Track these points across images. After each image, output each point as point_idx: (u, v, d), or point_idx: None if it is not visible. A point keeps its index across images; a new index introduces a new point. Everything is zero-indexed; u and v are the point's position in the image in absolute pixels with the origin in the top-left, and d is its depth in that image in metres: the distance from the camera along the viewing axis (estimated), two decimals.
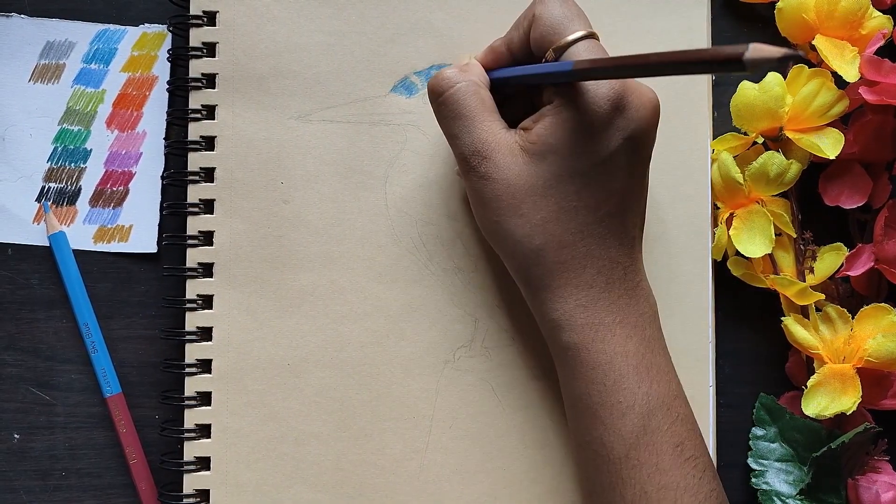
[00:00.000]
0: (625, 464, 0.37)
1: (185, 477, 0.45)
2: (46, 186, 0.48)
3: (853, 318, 0.44)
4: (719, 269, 0.46)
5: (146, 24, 0.48)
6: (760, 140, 0.45)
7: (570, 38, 0.38)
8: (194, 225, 0.45)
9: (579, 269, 0.38)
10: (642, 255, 0.41)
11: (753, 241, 0.44)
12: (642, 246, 0.41)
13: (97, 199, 0.48)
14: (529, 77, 0.39)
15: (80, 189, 0.48)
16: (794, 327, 0.44)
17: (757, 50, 0.27)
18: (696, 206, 0.46)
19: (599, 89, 0.37)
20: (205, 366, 0.45)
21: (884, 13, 0.45)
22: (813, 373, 0.44)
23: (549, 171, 0.38)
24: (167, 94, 0.48)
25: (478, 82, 0.40)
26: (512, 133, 0.39)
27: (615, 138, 0.37)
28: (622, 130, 0.37)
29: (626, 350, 0.38)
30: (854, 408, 0.42)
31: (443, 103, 0.40)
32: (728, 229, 0.45)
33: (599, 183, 0.38)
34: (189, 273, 0.45)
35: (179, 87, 0.46)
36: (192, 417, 0.45)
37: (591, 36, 0.38)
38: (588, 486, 0.40)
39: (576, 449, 0.40)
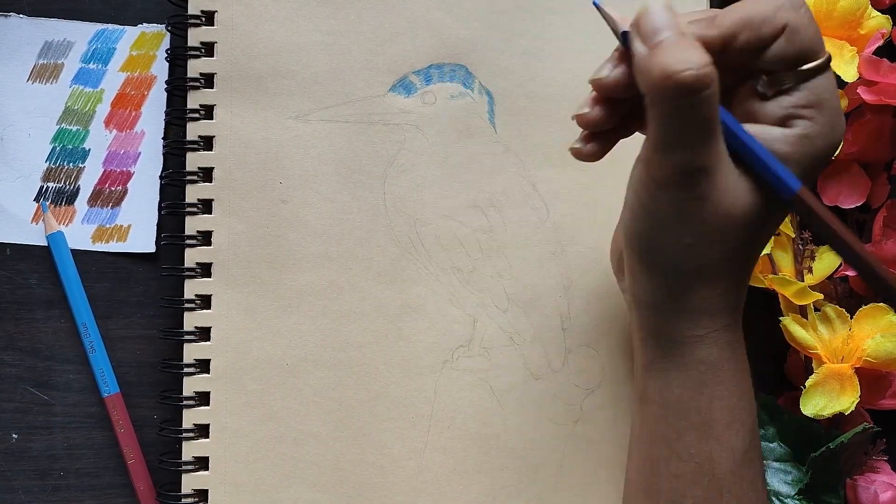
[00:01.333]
0: (729, 479, 0.36)
1: (184, 477, 0.45)
2: (45, 186, 0.48)
3: (852, 318, 0.44)
4: None
5: (144, 24, 0.48)
6: None
7: (822, 61, 0.33)
8: (193, 225, 0.45)
9: (739, 296, 0.37)
10: None
11: None
12: None
13: (95, 198, 0.48)
14: (741, 146, 0.33)
15: (78, 189, 0.48)
16: (793, 327, 0.44)
17: None
18: None
19: (840, 129, 0.34)
20: (203, 366, 0.45)
21: (882, 13, 0.45)
22: (811, 373, 0.44)
23: (767, 199, 0.34)
24: (165, 93, 0.48)
25: (716, 94, 0.32)
26: (728, 153, 0.34)
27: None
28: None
29: (747, 367, 0.38)
30: (852, 408, 0.42)
31: (701, 103, 0.31)
32: None
33: (780, 221, 0.37)
34: (187, 273, 0.45)
35: (178, 86, 0.46)
36: (190, 417, 0.45)
37: (830, 62, 0.34)
38: (672, 498, 0.38)
39: (668, 461, 0.38)
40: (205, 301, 0.45)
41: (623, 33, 0.34)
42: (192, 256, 0.45)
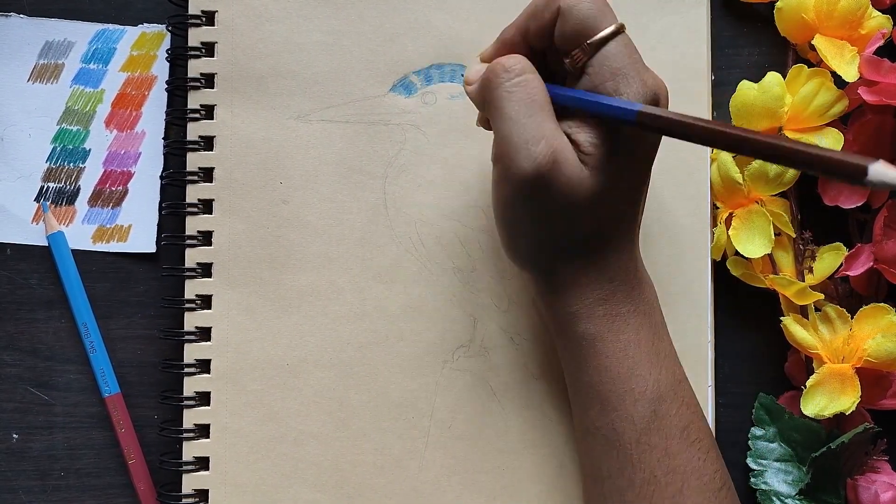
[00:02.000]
0: (635, 448, 0.38)
1: (184, 477, 0.45)
2: (45, 186, 0.48)
3: (852, 318, 0.44)
4: (719, 268, 0.46)
5: (145, 24, 0.48)
6: None
7: (605, 32, 0.36)
8: (193, 225, 0.45)
9: (607, 266, 0.39)
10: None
11: (753, 241, 0.44)
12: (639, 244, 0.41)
13: (96, 198, 0.48)
14: (578, 102, 0.37)
15: (78, 189, 0.48)
16: (794, 327, 0.44)
17: (880, 172, 0.26)
18: (695, 205, 0.46)
19: (637, 88, 0.36)
20: (204, 366, 0.45)
21: (883, 13, 0.45)
22: (812, 373, 0.44)
23: (604, 182, 0.36)
24: (166, 93, 0.48)
25: (543, 84, 0.37)
26: (566, 138, 0.37)
27: (648, 141, 0.38)
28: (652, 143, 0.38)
29: (638, 338, 0.39)
30: (853, 408, 0.42)
31: (518, 85, 0.36)
32: (727, 229, 0.45)
33: (632, 182, 0.38)
34: (188, 273, 0.45)
35: (178, 86, 0.46)
36: (190, 417, 0.45)
37: (621, 30, 0.37)
38: (594, 473, 0.40)
39: (582, 435, 0.41)
40: (205, 301, 0.45)
41: None
42: (192, 256, 0.45)
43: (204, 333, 0.45)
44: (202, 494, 0.45)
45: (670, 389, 0.39)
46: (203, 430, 0.45)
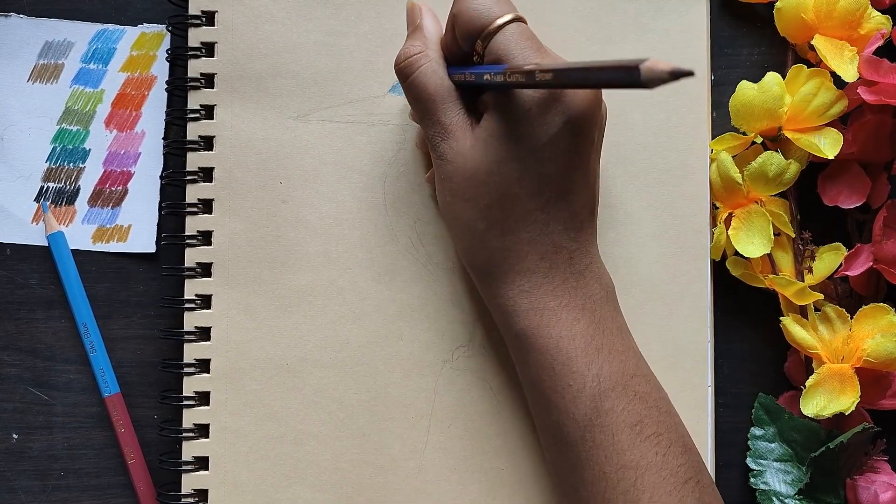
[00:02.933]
0: (581, 446, 0.38)
1: (184, 477, 0.45)
2: (45, 186, 0.48)
3: (852, 318, 0.44)
4: (718, 268, 0.46)
5: (145, 24, 0.48)
6: (759, 140, 0.45)
7: (496, 24, 0.38)
8: (193, 225, 0.45)
9: (522, 256, 0.39)
10: (596, 237, 0.41)
11: (752, 241, 0.44)
12: (596, 229, 0.41)
13: (96, 198, 0.48)
14: (468, 73, 0.39)
15: (78, 189, 0.48)
16: (793, 327, 0.44)
17: (651, 67, 0.28)
18: (694, 205, 0.46)
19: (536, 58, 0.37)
20: (203, 366, 0.45)
21: (883, 13, 0.45)
22: (812, 373, 0.44)
23: (491, 156, 0.38)
24: (166, 93, 0.48)
25: (436, 59, 0.40)
26: (468, 117, 0.39)
27: (554, 123, 0.37)
28: (561, 115, 0.37)
29: (572, 333, 0.38)
30: (853, 408, 0.42)
31: (409, 87, 0.40)
32: (727, 229, 0.45)
33: (540, 168, 0.38)
34: (187, 273, 0.45)
35: (178, 86, 0.46)
36: (190, 417, 0.45)
37: (518, 19, 0.38)
38: (553, 469, 0.40)
39: (539, 433, 0.41)
40: (205, 301, 0.45)
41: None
42: (192, 256, 0.45)
43: (203, 333, 0.45)
44: (202, 494, 0.45)
45: (617, 384, 0.38)
46: (202, 430, 0.45)
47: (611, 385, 0.38)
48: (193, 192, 0.46)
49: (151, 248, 0.48)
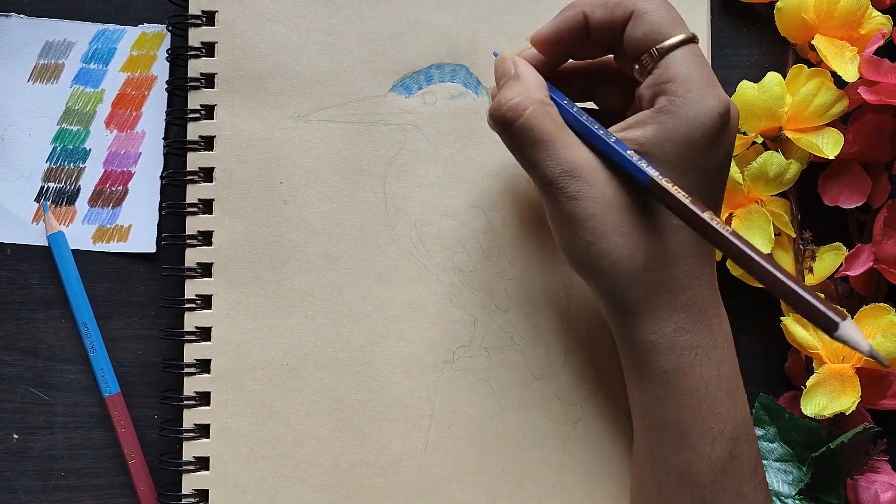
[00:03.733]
0: (710, 489, 0.37)
1: (184, 477, 0.45)
2: (45, 186, 0.48)
3: (852, 317, 0.44)
4: (719, 269, 0.46)
5: (145, 24, 0.48)
6: (760, 140, 0.45)
7: (675, 39, 0.36)
8: (193, 225, 0.45)
9: (680, 290, 0.37)
10: None
11: (753, 241, 0.44)
12: None
13: (96, 198, 0.48)
14: (591, 138, 0.37)
15: (79, 189, 0.48)
16: (794, 327, 0.44)
17: (847, 331, 0.30)
18: None
19: (709, 99, 0.35)
20: (204, 366, 0.45)
21: (883, 13, 0.45)
22: (812, 373, 0.44)
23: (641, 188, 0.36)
24: (166, 93, 0.48)
25: (545, 101, 0.37)
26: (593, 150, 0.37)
27: (720, 153, 0.36)
28: (726, 146, 0.36)
29: (719, 373, 0.37)
30: (853, 408, 0.42)
31: (516, 133, 0.37)
32: None
33: (701, 197, 0.36)
34: (188, 273, 0.45)
35: (178, 86, 0.46)
36: (190, 417, 0.45)
37: (692, 40, 0.36)
38: None
39: (653, 470, 0.39)
40: (205, 301, 0.45)
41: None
42: (192, 256, 0.45)
43: (204, 333, 0.45)
44: (202, 494, 0.45)
45: (745, 429, 0.37)
46: (203, 430, 0.45)
47: (742, 429, 0.37)
48: (194, 192, 0.46)
49: (152, 248, 0.48)
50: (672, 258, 0.36)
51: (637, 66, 0.37)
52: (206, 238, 0.45)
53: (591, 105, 0.42)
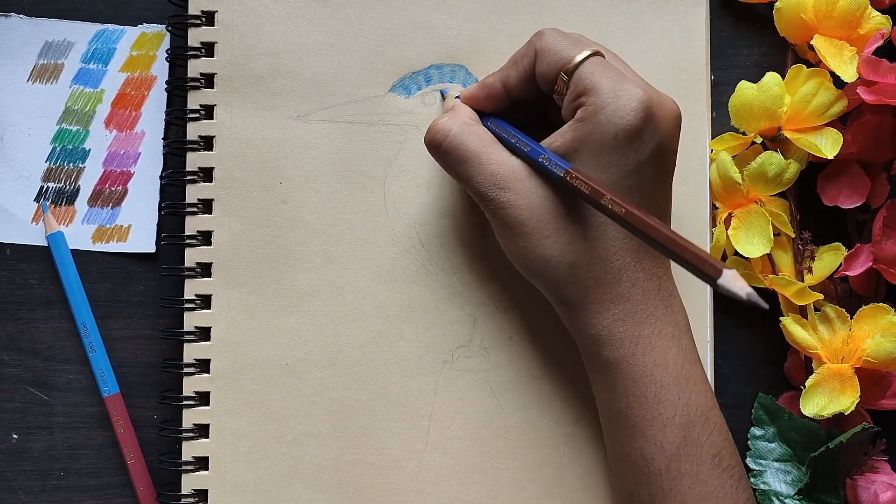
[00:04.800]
0: (665, 475, 0.37)
1: (184, 477, 0.45)
2: (45, 186, 0.48)
3: (852, 318, 0.44)
4: None
5: (145, 24, 0.48)
6: (759, 140, 0.45)
7: (578, 58, 0.38)
8: (193, 225, 0.45)
9: (614, 283, 0.38)
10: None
11: (752, 241, 0.44)
12: None
13: (96, 198, 0.48)
14: (520, 148, 0.40)
15: (78, 189, 0.48)
16: (793, 327, 0.44)
17: (729, 280, 0.31)
18: (694, 205, 0.46)
19: (625, 101, 0.37)
20: (203, 366, 0.45)
21: (882, 13, 0.45)
22: (811, 373, 0.44)
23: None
24: (166, 93, 0.48)
25: (469, 122, 0.41)
26: (518, 159, 0.40)
27: (643, 150, 0.37)
28: (649, 142, 0.37)
29: (665, 362, 0.38)
30: (852, 408, 0.42)
31: (444, 153, 0.40)
32: (727, 229, 0.45)
33: (628, 196, 0.38)
34: (187, 273, 0.45)
35: (178, 86, 0.46)
36: (190, 417, 0.45)
37: (597, 54, 0.39)
38: (625, 499, 0.40)
39: (613, 461, 0.40)
40: (205, 301, 0.45)
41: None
42: (192, 256, 0.45)
43: (203, 333, 0.45)
44: (202, 494, 0.45)
45: (701, 415, 0.38)
46: (202, 430, 0.45)
47: (696, 415, 0.38)
48: (193, 192, 0.46)
49: (151, 248, 0.48)
50: (603, 253, 0.38)
51: (556, 95, 0.39)
52: (205, 238, 0.45)
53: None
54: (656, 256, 0.39)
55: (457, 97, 0.44)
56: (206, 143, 0.46)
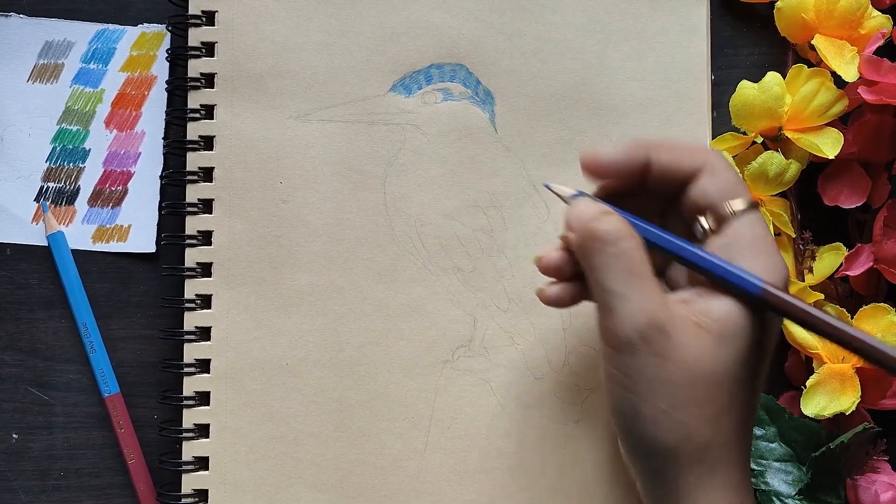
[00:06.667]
0: None
1: (184, 477, 0.45)
2: (45, 186, 0.48)
3: (852, 317, 0.44)
4: None
5: (145, 24, 0.48)
6: (760, 140, 0.45)
7: (746, 203, 0.34)
8: (193, 225, 0.45)
9: (734, 467, 0.34)
10: None
11: None
12: None
13: (96, 198, 0.48)
14: (692, 262, 0.34)
15: (78, 189, 0.48)
16: (794, 327, 0.44)
17: None
18: None
19: (780, 267, 0.34)
20: (203, 366, 0.45)
21: (883, 13, 0.45)
22: (812, 373, 0.44)
23: (735, 356, 0.33)
24: (166, 93, 0.48)
25: (642, 245, 0.34)
26: (681, 306, 0.34)
27: (777, 325, 0.35)
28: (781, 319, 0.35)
29: None
30: (853, 408, 0.42)
31: (615, 256, 0.33)
32: None
33: (765, 369, 0.35)
34: (188, 273, 0.45)
35: (178, 86, 0.46)
36: (190, 417, 0.45)
37: (757, 206, 0.35)
38: None
39: None
40: (205, 301, 0.45)
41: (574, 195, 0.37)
42: (192, 256, 0.45)
43: (204, 333, 0.45)
44: (202, 494, 0.45)
45: None
46: (203, 430, 0.45)
47: None
48: (193, 192, 0.45)
49: (151, 248, 0.48)
50: (736, 433, 0.33)
51: (700, 222, 0.35)
52: (205, 238, 0.45)
53: None
54: (746, 436, 0.35)
55: (579, 193, 0.36)
56: (207, 142, 0.46)
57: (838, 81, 0.44)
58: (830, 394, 0.43)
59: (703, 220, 0.35)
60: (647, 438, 0.33)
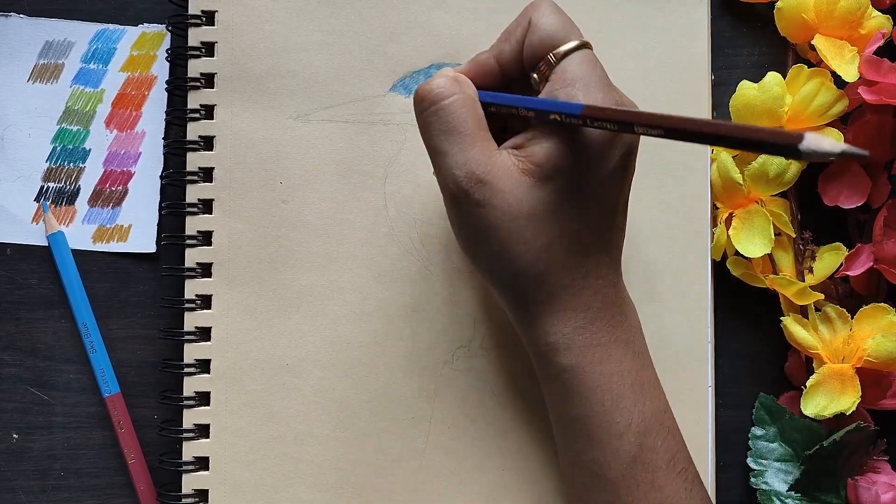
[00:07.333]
0: (621, 483, 0.37)
1: (184, 477, 0.45)
2: (45, 186, 0.48)
3: (852, 318, 0.44)
4: (719, 269, 0.46)
5: (145, 24, 0.48)
6: None
7: (568, 46, 0.36)
8: (193, 225, 0.45)
9: (579, 291, 0.37)
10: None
11: (753, 241, 0.44)
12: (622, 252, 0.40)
13: (96, 198, 0.48)
14: (526, 107, 0.37)
15: (78, 189, 0.48)
16: (794, 327, 0.44)
17: (813, 142, 0.26)
18: (695, 206, 0.46)
19: (610, 95, 0.36)
20: (203, 366, 0.45)
21: (883, 13, 0.45)
22: (812, 373, 0.44)
23: (554, 193, 0.35)
24: (166, 93, 0.48)
25: (473, 97, 0.37)
26: (507, 154, 0.36)
27: (615, 155, 0.36)
28: (621, 147, 0.36)
29: (621, 369, 0.37)
30: (853, 408, 0.42)
31: (434, 114, 0.36)
32: (727, 229, 0.45)
33: (599, 201, 0.37)
34: (188, 273, 0.45)
35: (178, 86, 0.46)
36: (190, 417, 0.45)
37: (586, 45, 0.37)
38: None
39: (567, 468, 0.40)
40: (205, 301, 0.45)
41: None
42: (192, 256, 0.45)
43: (204, 333, 0.45)
44: (202, 494, 0.45)
45: (656, 421, 0.37)
46: (203, 430, 0.45)
47: (652, 422, 0.37)
48: (193, 192, 0.46)
49: (151, 248, 0.48)
50: (572, 261, 0.37)
51: (535, 75, 0.37)
52: (205, 238, 0.45)
53: None
54: (612, 260, 0.38)
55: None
56: (207, 143, 0.46)
57: (838, 82, 0.44)
58: (830, 394, 0.43)
59: (535, 73, 0.37)
60: (489, 275, 0.38)
